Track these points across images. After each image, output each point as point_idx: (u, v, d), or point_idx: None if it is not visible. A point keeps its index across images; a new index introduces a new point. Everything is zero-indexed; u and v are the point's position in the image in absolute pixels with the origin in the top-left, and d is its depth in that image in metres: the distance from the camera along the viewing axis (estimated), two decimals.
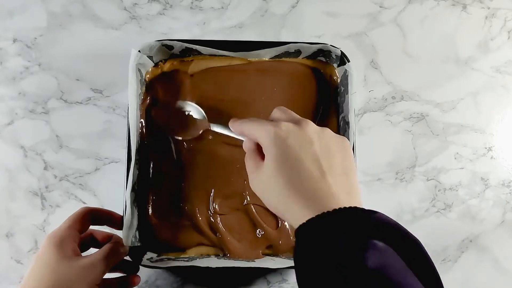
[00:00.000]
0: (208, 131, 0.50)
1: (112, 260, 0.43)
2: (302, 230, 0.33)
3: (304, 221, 0.33)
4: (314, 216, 0.32)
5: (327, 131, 0.38)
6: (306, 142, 0.36)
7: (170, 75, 0.53)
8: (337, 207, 0.32)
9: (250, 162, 0.39)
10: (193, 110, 0.51)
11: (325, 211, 0.32)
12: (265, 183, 0.36)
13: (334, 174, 0.35)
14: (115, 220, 0.47)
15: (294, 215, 0.34)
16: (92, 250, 0.44)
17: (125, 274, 0.49)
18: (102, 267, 0.41)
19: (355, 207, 0.33)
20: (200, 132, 0.51)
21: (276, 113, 0.40)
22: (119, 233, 0.47)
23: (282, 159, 0.35)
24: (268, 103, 0.53)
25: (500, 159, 0.60)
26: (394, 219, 0.59)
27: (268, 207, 0.37)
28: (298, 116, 0.39)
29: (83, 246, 0.46)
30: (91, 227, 0.46)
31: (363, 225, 0.32)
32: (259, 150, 0.39)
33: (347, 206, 0.33)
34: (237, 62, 0.54)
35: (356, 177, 0.37)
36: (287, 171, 0.35)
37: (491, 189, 0.59)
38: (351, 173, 0.37)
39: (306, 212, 0.33)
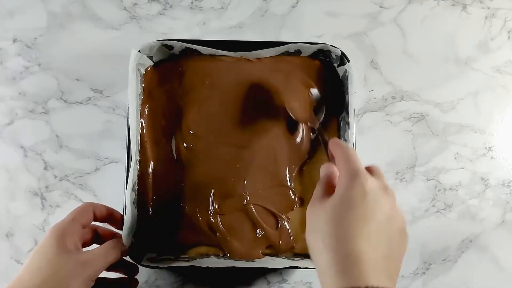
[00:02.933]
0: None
1: (111, 258, 0.43)
2: None
3: None
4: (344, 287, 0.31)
5: (403, 216, 0.36)
6: (380, 211, 0.34)
7: (167, 75, 0.53)
8: (372, 286, 0.31)
9: (319, 189, 0.37)
10: (317, 98, 0.51)
11: (357, 286, 0.30)
12: (318, 220, 0.35)
13: (388, 254, 0.33)
14: (115, 219, 0.47)
15: (326, 274, 0.33)
16: (95, 246, 0.44)
17: (125, 276, 0.49)
18: (100, 264, 0.41)
19: None
20: (306, 125, 0.52)
21: (373, 167, 0.38)
22: (120, 232, 0.47)
23: (349, 208, 0.33)
24: (268, 103, 0.53)
25: (500, 159, 0.60)
26: None
27: (307, 242, 0.36)
28: (388, 184, 0.37)
29: (86, 241, 0.46)
30: (95, 223, 0.46)
31: None
32: (333, 181, 0.37)
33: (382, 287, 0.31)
34: (237, 62, 0.54)
35: (399, 272, 0.35)
36: (346, 223, 0.33)
37: (491, 189, 0.59)
38: (399, 265, 0.35)
39: (339, 278, 0.31)
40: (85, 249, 0.43)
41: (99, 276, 0.42)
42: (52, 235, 0.41)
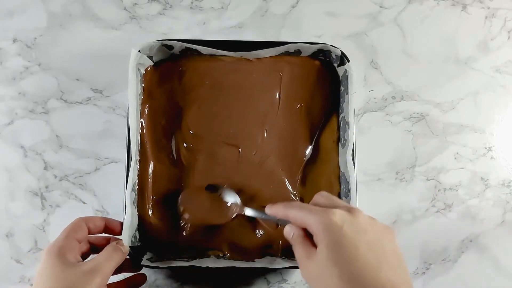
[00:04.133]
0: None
1: (116, 261, 0.42)
2: None
3: None
4: None
5: (376, 221, 0.37)
6: (361, 231, 0.35)
7: (167, 75, 0.53)
8: None
9: (300, 250, 0.37)
10: (226, 193, 0.50)
11: None
12: (318, 273, 0.35)
13: (389, 264, 0.34)
14: (111, 226, 0.47)
15: None
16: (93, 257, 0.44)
17: (130, 274, 0.48)
18: (107, 270, 0.41)
19: None
20: (233, 216, 0.49)
21: (320, 199, 0.39)
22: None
23: (338, 247, 0.34)
24: (268, 103, 0.53)
25: (500, 159, 0.60)
26: (394, 219, 0.60)
27: None
28: (345, 203, 0.39)
29: (83, 254, 0.45)
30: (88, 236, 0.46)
31: None
32: (307, 236, 0.38)
33: None
34: (237, 62, 0.54)
35: (406, 265, 0.36)
36: (344, 261, 0.34)
37: (491, 189, 0.59)
38: (403, 262, 0.36)
39: None
40: (85, 261, 0.42)
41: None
42: (50, 254, 0.40)
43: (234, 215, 0.49)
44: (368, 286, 0.33)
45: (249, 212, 0.47)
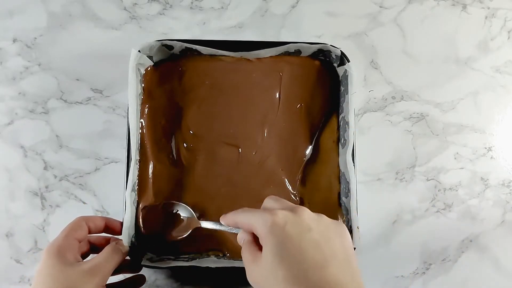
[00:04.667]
0: (198, 228, 0.48)
1: (115, 262, 0.42)
2: None
3: None
4: None
5: (323, 217, 0.36)
6: (304, 230, 0.34)
7: (167, 75, 0.53)
8: None
9: (247, 254, 0.37)
10: (181, 209, 0.50)
11: None
12: (264, 276, 0.34)
13: (337, 261, 0.34)
14: (112, 226, 0.47)
15: None
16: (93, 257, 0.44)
17: (130, 275, 0.48)
18: (106, 270, 0.41)
19: None
20: (190, 231, 0.49)
21: (269, 202, 0.38)
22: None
23: (281, 249, 0.33)
24: (268, 103, 0.53)
25: (500, 159, 0.60)
26: (394, 219, 0.60)
27: None
28: (292, 203, 0.38)
29: (83, 254, 0.45)
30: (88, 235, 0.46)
31: None
32: (255, 240, 0.37)
33: None
34: (237, 62, 0.54)
35: (356, 259, 0.35)
36: (288, 262, 0.33)
37: (491, 189, 0.59)
38: (352, 257, 0.35)
39: None
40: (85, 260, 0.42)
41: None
42: (49, 254, 0.40)
43: (191, 229, 0.49)
44: (313, 287, 0.32)
45: (205, 224, 0.47)
